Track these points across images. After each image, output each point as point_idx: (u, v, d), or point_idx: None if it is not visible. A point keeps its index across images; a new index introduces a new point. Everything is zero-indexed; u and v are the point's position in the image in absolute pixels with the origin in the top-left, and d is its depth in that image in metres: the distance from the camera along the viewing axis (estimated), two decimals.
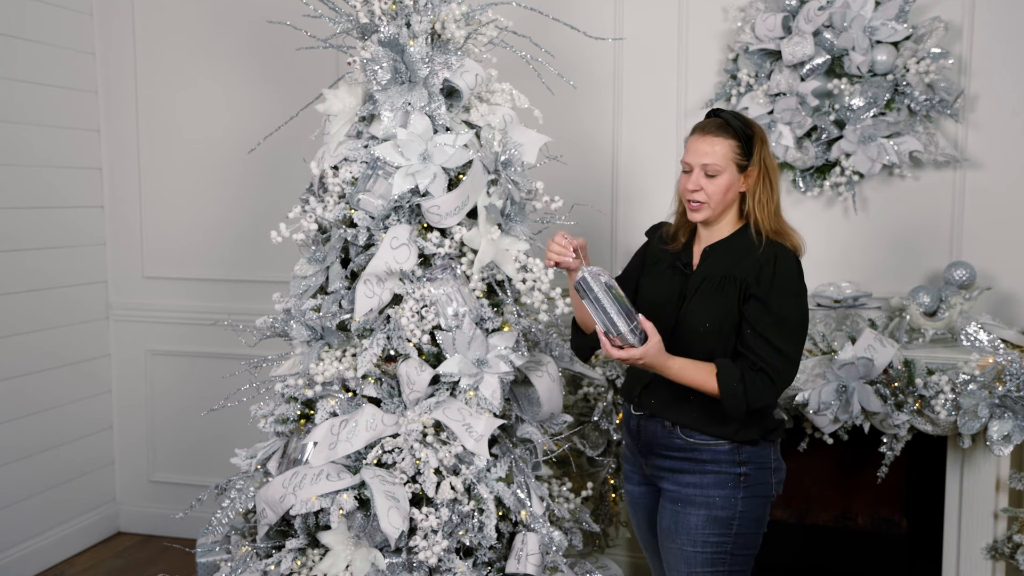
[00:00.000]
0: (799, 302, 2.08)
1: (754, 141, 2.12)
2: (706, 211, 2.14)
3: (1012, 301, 3.08)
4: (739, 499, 2.12)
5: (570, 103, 3.31)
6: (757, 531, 2.17)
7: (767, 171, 2.12)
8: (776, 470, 2.18)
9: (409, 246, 2.35)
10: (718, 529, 2.12)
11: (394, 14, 2.45)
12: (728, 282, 2.10)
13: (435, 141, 2.38)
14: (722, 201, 2.13)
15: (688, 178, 2.15)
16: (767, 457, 2.16)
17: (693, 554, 2.13)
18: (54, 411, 3.72)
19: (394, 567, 2.30)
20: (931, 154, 3.06)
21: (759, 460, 2.14)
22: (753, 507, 2.14)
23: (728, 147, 2.10)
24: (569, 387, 3.06)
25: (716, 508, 2.12)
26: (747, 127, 2.12)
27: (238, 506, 2.54)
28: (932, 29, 3.00)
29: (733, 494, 2.12)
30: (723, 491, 2.12)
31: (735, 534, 2.13)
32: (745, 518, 2.13)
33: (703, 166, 2.11)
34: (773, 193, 2.13)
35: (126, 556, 3.81)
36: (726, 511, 2.12)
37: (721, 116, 2.15)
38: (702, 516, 2.12)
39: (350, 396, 2.42)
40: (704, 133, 2.13)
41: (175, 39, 3.83)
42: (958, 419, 2.68)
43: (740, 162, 2.11)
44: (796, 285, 2.08)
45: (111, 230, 3.98)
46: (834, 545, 3.27)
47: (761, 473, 2.14)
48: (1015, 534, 2.79)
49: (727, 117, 2.14)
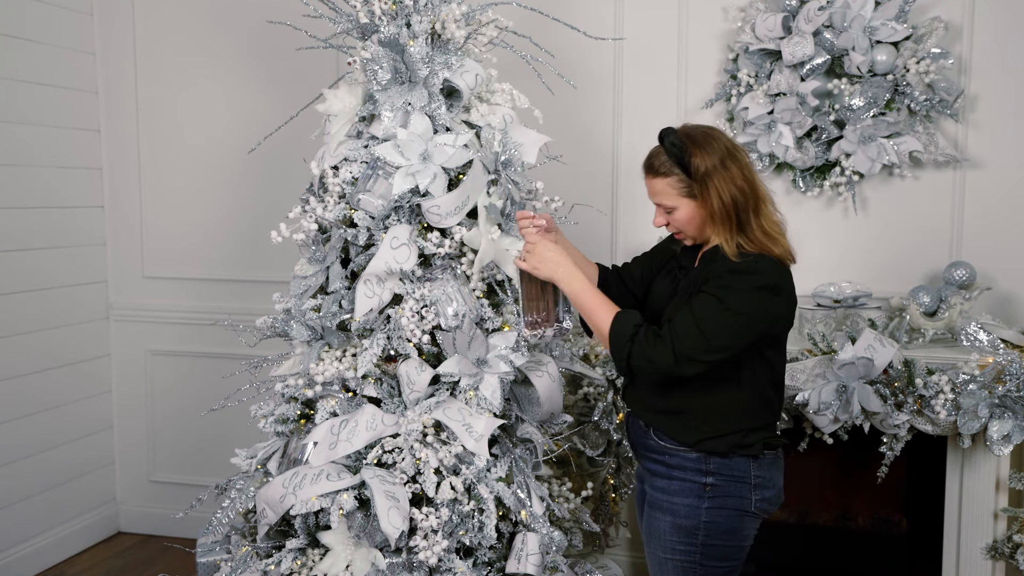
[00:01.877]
0: (748, 298, 1.92)
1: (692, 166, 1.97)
2: (687, 238, 2.09)
3: (1012, 301, 3.08)
4: (704, 509, 2.04)
5: (570, 103, 3.31)
6: (729, 544, 2.07)
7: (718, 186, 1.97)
8: (758, 487, 2.06)
9: (409, 246, 2.35)
10: (683, 537, 2.06)
11: (394, 14, 2.45)
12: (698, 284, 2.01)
13: (435, 141, 2.39)
14: (694, 229, 2.05)
15: (655, 212, 2.10)
16: (742, 471, 2.04)
17: (664, 560, 2.10)
18: (54, 411, 3.72)
19: (394, 567, 2.30)
20: (931, 154, 3.06)
21: (729, 472, 2.04)
22: (721, 519, 2.04)
23: (670, 183, 2.01)
24: (569, 387, 3.06)
25: (680, 516, 2.06)
26: (683, 152, 1.98)
27: (238, 506, 2.54)
28: (932, 29, 3.00)
29: (697, 504, 2.04)
30: (687, 499, 2.05)
31: (701, 544, 2.05)
32: (712, 529, 2.04)
33: (657, 204, 2.06)
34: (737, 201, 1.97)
35: (126, 556, 3.81)
36: (689, 520, 2.05)
37: (663, 143, 2.03)
38: (668, 523, 2.07)
39: (350, 396, 2.42)
40: (647, 173, 2.05)
41: (175, 39, 3.83)
42: (958, 419, 2.68)
43: (689, 192, 2.00)
44: (753, 283, 1.93)
45: (111, 230, 3.98)
46: (834, 545, 3.27)
47: (733, 486, 2.04)
48: (1015, 534, 2.79)
49: (667, 145, 2.01)
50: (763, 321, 1.96)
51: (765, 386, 2.06)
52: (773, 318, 1.99)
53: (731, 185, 1.97)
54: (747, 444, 2.04)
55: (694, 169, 1.97)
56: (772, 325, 2.00)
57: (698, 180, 1.98)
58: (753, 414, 2.06)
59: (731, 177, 1.98)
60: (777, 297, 1.96)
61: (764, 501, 2.08)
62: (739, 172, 1.99)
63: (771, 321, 1.99)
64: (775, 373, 2.08)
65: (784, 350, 2.11)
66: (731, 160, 1.99)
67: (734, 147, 2.03)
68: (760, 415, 2.07)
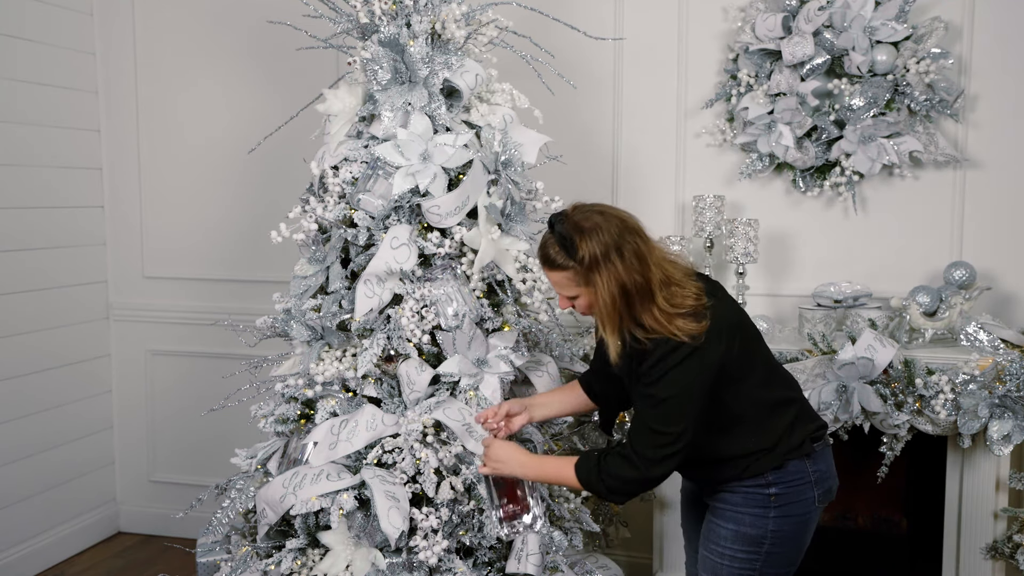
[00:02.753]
0: (669, 382, 1.91)
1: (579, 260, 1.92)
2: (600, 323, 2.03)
3: (1012, 301, 3.08)
4: (770, 518, 2.04)
5: (570, 103, 3.31)
6: (792, 550, 2.08)
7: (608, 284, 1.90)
8: (818, 481, 2.06)
9: (409, 246, 2.35)
10: (746, 546, 2.05)
11: (394, 14, 2.45)
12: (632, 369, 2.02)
13: (435, 141, 2.39)
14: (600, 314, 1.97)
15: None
16: (801, 472, 2.05)
17: (720, 565, 2.08)
18: (54, 411, 3.72)
19: (394, 567, 2.30)
20: (931, 154, 3.06)
21: (790, 479, 2.04)
22: (788, 527, 2.05)
23: (565, 276, 1.96)
24: None
25: (745, 525, 2.05)
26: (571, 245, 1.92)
27: (238, 506, 2.54)
28: (932, 29, 3.00)
29: (764, 513, 2.04)
30: (753, 510, 2.04)
31: (766, 553, 2.05)
32: (778, 537, 2.04)
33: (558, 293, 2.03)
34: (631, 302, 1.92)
35: (126, 556, 3.81)
36: (756, 529, 2.04)
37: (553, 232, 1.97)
38: (731, 530, 2.06)
39: (350, 396, 2.42)
40: (542, 264, 2.01)
41: (175, 39, 3.83)
42: (958, 419, 2.68)
43: (582, 282, 1.95)
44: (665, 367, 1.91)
45: (111, 230, 3.98)
46: (834, 545, 3.27)
47: (796, 491, 2.04)
48: (1015, 534, 2.79)
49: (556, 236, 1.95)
50: (702, 383, 1.94)
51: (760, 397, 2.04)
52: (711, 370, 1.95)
53: (614, 279, 1.90)
54: (796, 446, 2.05)
55: (579, 260, 1.92)
56: (718, 372, 1.96)
57: (584, 271, 1.93)
58: (773, 423, 2.04)
59: (615, 271, 1.90)
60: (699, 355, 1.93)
61: (825, 492, 2.10)
62: (623, 264, 1.91)
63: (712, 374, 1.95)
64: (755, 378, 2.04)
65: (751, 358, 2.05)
66: (616, 251, 1.91)
67: (623, 232, 1.93)
68: (779, 415, 2.05)
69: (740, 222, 3.03)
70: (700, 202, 3.11)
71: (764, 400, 2.05)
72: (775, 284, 3.27)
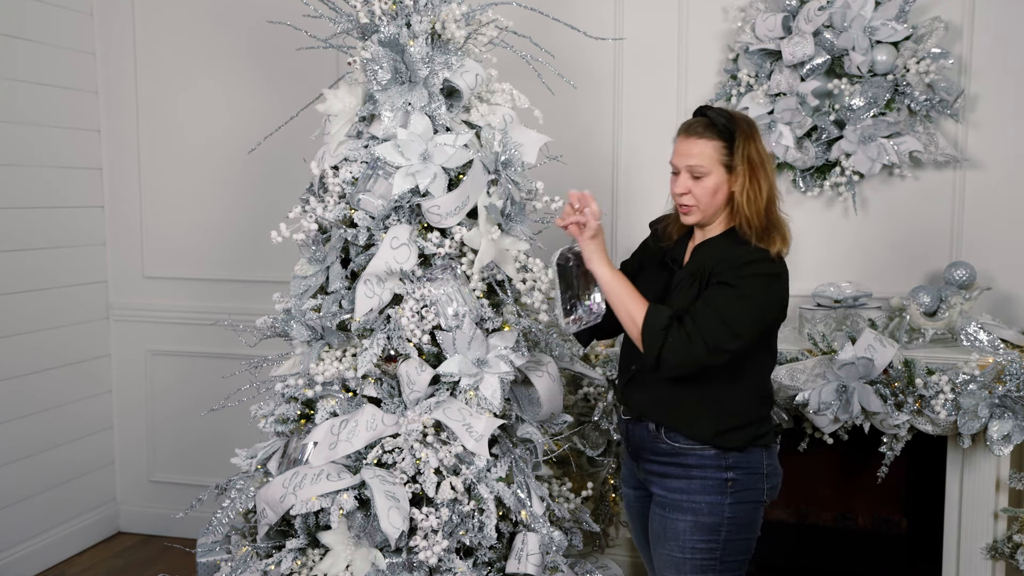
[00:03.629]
0: (760, 286, 1.99)
1: (737, 138, 2.05)
2: (696, 214, 2.11)
3: (1012, 301, 3.08)
4: (727, 505, 2.08)
5: (570, 103, 3.31)
6: (747, 537, 2.14)
7: (753, 168, 2.05)
8: (768, 475, 2.13)
9: (409, 246, 2.35)
10: (706, 535, 2.09)
11: (394, 14, 2.45)
12: (701, 276, 2.06)
13: (435, 141, 2.38)
14: (711, 203, 2.09)
15: (676, 180, 2.12)
16: (757, 462, 2.11)
17: (682, 560, 2.11)
18: (54, 411, 3.72)
19: (394, 567, 2.30)
20: (931, 154, 3.06)
21: (747, 465, 2.10)
22: (742, 513, 2.10)
23: (713, 147, 2.06)
24: (569, 387, 3.06)
25: (703, 514, 2.09)
26: (731, 123, 2.06)
27: (238, 506, 2.54)
28: (932, 29, 3.00)
29: (720, 500, 2.08)
30: (710, 497, 2.09)
31: (724, 540, 2.09)
32: (734, 524, 2.09)
33: (689, 168, 2.08)
34: (761, 191, 2.06)
35: (126, 556, 3.81)
36: (713, 517, 2.08)
37: (707, 115, 2.10)
38: (689, 522, 2.09)
39: (350, 396, 2.42)
40: (688, 135, 2.10)
41: (175, 39, 3.83)
42: (958, 419, 2.68)
43: (727, 162, 2.06)
44: (761, 271, 2.00)
45: (111, 230, 3.98)
46: (834, 545, 3.27)
47: (750, 479, 2.10)
48: (1015, 534, 2.79)
49: (712, 116, 2.09)
50: (775, 309, 2.05)
51: (765, 377, 2.16)
52: (780, 306, 2.07)
53: (759, 167, 2.06)
54: (762, 434, 2.12)
55: (737, 145, 2.05)
56: (779, 313, 2.08)
57: (738, 156, 2.05)
58: (760, 404, 2.14)
59: (761, 161, 2.06)
60: (782, 285, 2.05)
61: (772, 489, 2.15)
62: (763, 161, 2.07)
63: (779, 308, 2.07)
64: (773, 363, 2.18)
65: (776, 343, 2.19)
66: (766, 154, 2.09)
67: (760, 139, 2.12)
68: (766, 403, 2.16)
69: None
70: None
71: (763, 386, 2.16)
72: None
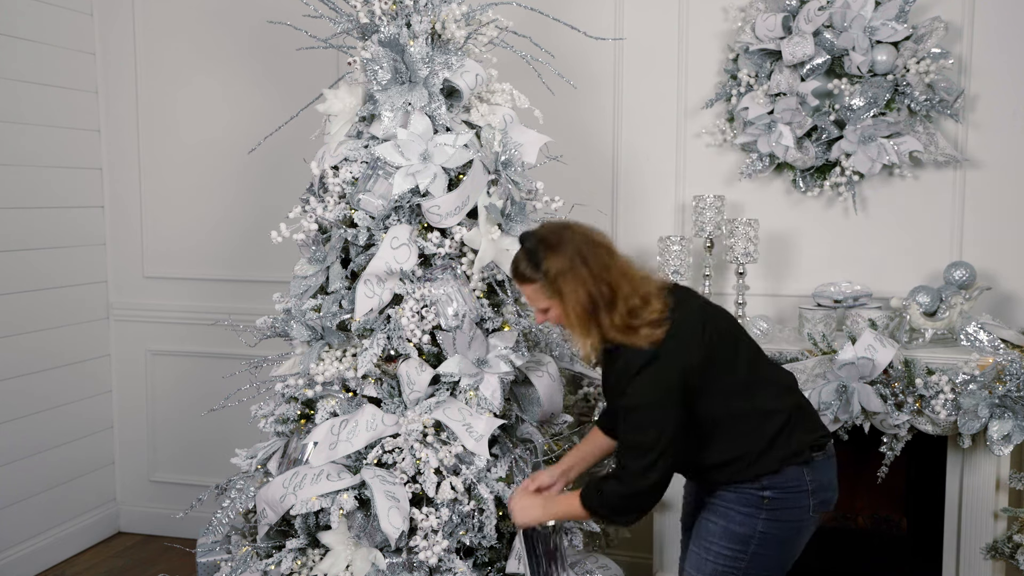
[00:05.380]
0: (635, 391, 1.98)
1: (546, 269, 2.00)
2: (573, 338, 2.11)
3: (1012, 301, 3.08)
4: (760, 519, 2.06)
5: (570, 103, 3.31)
6: (781, 554, 2.10)
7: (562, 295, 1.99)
8: (814, 491, 2.08)
9: (409, 246, 2.35)
10: (733, 544, 2.07)
11: (394, 14, 2.45)
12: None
13: (435, 141, 2.39)
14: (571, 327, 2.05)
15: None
16: (796, 480, 2.06)
17: (704, 560, 2.11)
18: (54, 411, 3.72)
19: (394, 567, 2.30)
20: (931, 154, 3.06)
21: (784, 484, 2.06)
22: (776, 530, 2.06)
23: (533, 290, 2.05)
24: (569, 387, 3.06)
25: (735, 523, 2.07)
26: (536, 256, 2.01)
27: (238, 506, 2.54)
28: (932, 29, 3.00)
29: (755, 513, 2.06)
30: (745, 508, 2.07)
31: (752, 553, 2.07)
32: (766, 539, 2.06)
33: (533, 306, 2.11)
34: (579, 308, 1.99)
35: (126, 556, 3.81)
36: (745, 528, 2.07)
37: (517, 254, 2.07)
38: (720, 527, 2.09)
39: (350, 396, 2.42)
40: (515, 279, 2.10)
41: (175, 39, 3.83)
42: (958, 419, 2.68)
43: (551, 295, 2.03)
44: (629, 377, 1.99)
45: (111, 230, 3.98)
46: (834, 545, 3.27)
47: (791, 497, 2.06)
48: (1015, 534, 2.79)
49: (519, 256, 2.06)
50: (674, 385, 1.98)
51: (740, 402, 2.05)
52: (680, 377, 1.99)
53: (581, 286, 1.98)
54: (794, 452, 2.06)
55: (545, 271, 2.01)
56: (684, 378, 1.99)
57: (550, 282, 2.01)
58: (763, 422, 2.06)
59: (580, 278, 1.98)
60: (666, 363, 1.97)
61: (821, 504, 2.11)
62: (589, 272, 1.99)
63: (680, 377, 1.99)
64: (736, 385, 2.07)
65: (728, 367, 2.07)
66: (581, 260, 1.99)
67: (588, 244, 2.02)
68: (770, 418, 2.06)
69: (740, 222, 3.03)
70: (700, 202, 3.11)
71: (740, 410, 2.06)
72: (775, 284, 3.27)
